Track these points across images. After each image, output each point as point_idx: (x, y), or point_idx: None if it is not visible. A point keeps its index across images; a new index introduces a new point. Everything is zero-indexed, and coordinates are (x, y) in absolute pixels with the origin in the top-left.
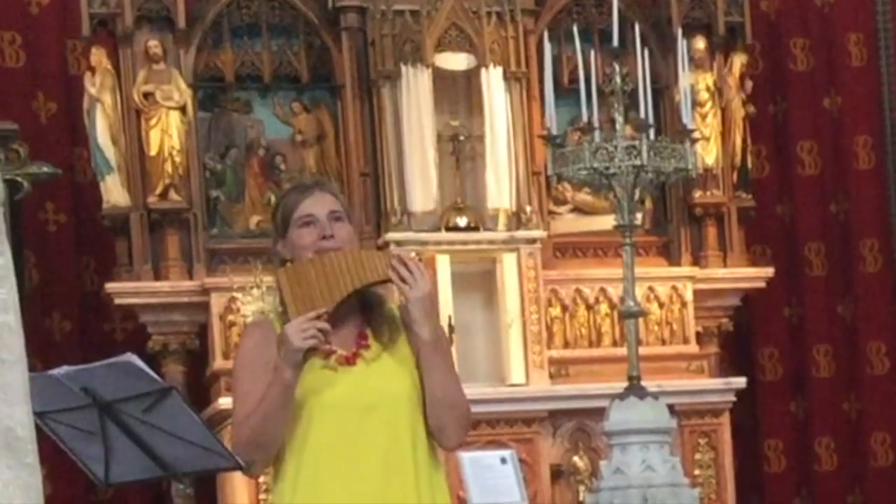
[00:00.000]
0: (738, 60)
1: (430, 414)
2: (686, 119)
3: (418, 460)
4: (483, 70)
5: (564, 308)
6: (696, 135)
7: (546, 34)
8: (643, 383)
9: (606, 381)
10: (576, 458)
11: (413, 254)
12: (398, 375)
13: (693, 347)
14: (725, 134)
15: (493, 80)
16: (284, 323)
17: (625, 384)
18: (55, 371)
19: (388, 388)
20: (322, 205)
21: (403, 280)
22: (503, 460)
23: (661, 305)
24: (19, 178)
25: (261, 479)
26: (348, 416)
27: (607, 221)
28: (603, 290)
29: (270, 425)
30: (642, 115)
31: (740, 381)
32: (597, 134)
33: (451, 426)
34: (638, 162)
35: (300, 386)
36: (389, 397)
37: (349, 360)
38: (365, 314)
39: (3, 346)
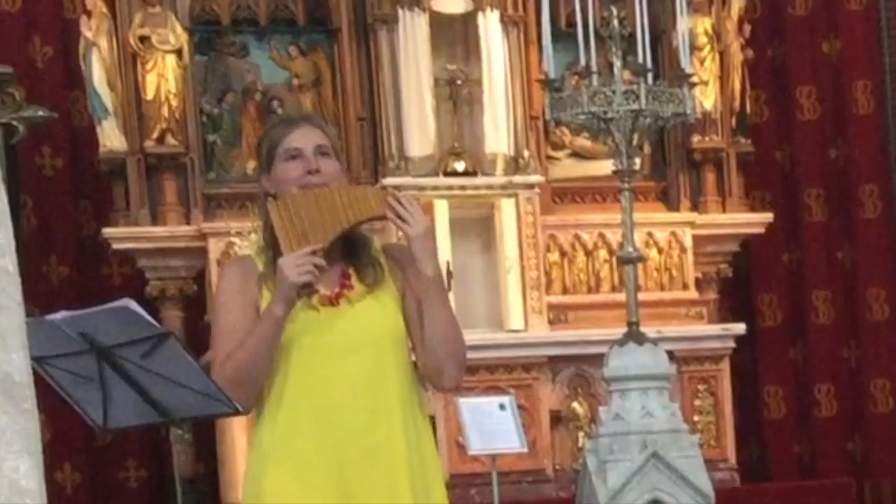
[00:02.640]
0: (737, 4)
1: (429, 354)
2: (684, 63)
3: (404, 402)
4: (480, 14)
5: (563, 254)
6: (695, 79)
7: None
8: (642, 329)
9: (605, 327)
10: (575, 405)
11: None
12: (382, 317)
13: (692, 293)
14: (724, 78)
15: (490, 24)
16: (268, 260)
17: (624, 330)
18: (53, 316)
19: (373, 330)
20: (309, 139)
21: (400, 217)
22: (502, 406)
23: (659, 251)
24: (15, 122)
25: None
26: (331, 358)
27: (606, 166)
28: (602, 235)
29: (257, 364)
30: (640, 59)
31: (740, 328)
32: (594, 78)
33: (450, 366)
34: (636, 106)
35: None
36: (373, 339)
37: (332, 301)
38: (349, 255)
39: (0, 292)
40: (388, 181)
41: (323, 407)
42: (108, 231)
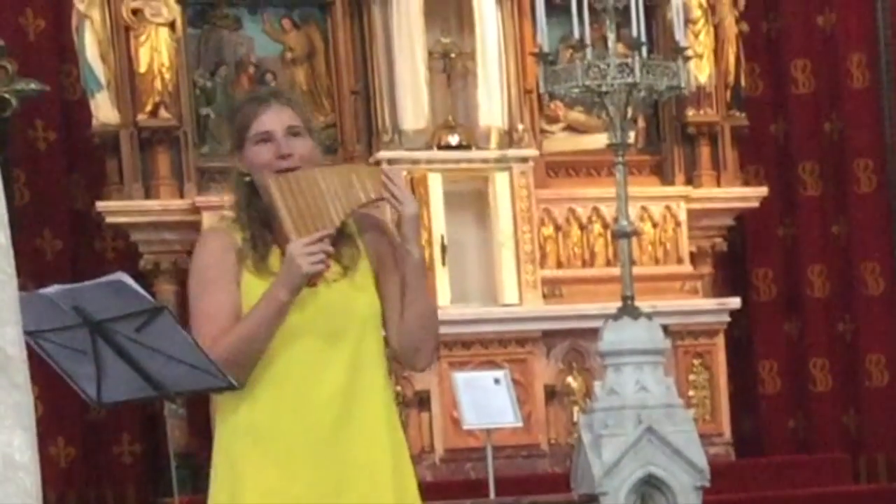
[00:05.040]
0: None
1: (408, 335)
2: (679, 36)
3: (383, 385)
4: None
5: (557, 228)
6: (689, 52)
7: None
8: (637, 303)
9: (600, 302)
10: (570, 379)
11: (404, 172)
12: (362, 296)
13: (687, 267)
14: (718, 52)
15: None
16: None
17: (618, 304)
18: (46, 290)
19: (355, 310)
20: (279, 120)
21: (395, 197)
22: (497, 381)
23: (654, 225)
24: (7, 95)
25: None
26: (315, 341)
27: (600, 140)
28: (596, 209)
29: (254, 346)
30: (634, 32)
31: (735, 302)
32: (589, 51)
33: (426, 348)
34: (630, 80)
35: None
36: (355, 323)
37: (310, 282)
38: None
39: None
40: (382, 154)
41: (306, 391)
42: (101, 205)
